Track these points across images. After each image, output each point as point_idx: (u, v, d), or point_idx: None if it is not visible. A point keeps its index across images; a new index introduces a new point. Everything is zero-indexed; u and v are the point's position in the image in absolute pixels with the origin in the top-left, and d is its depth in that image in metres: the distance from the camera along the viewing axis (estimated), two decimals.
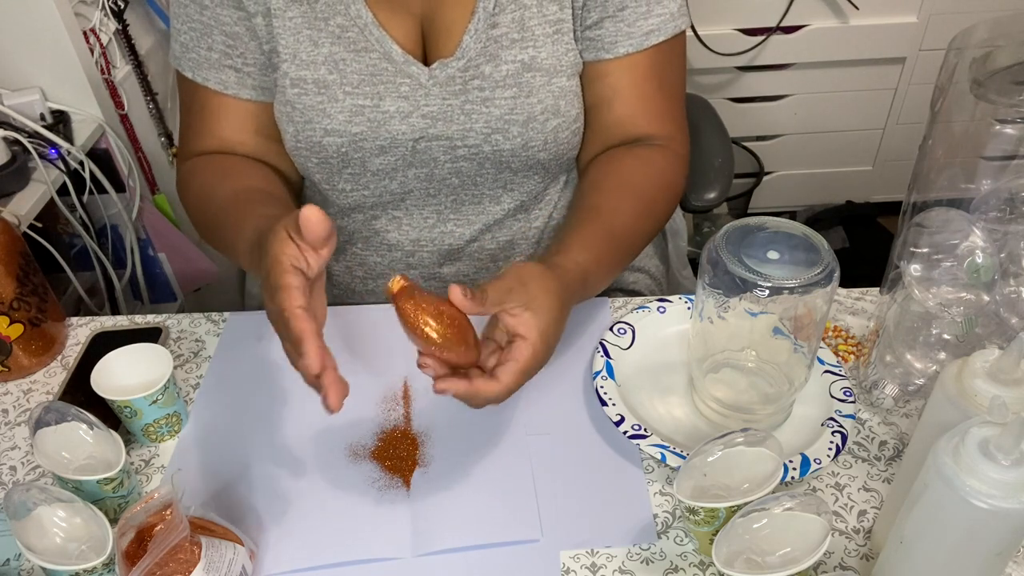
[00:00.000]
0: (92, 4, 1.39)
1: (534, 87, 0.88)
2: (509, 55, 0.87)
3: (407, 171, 0.92)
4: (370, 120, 0.88)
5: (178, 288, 1.62)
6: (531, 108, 0.88)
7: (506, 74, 0.87)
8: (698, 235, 2.12)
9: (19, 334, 0.87)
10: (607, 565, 0.70)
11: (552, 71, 0.88)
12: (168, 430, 0.81)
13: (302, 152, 0.91)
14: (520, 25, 0.87)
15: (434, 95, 0.88)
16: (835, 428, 0.75)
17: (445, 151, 0.90)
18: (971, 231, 0.69)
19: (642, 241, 0.91)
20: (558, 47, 0.88)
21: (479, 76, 0.87)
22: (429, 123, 0.88)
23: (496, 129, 0.89)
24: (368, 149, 0.89)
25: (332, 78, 0.87)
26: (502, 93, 0.88)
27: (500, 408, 0.83)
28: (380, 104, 0.88)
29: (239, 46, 0.90)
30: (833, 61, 2.02)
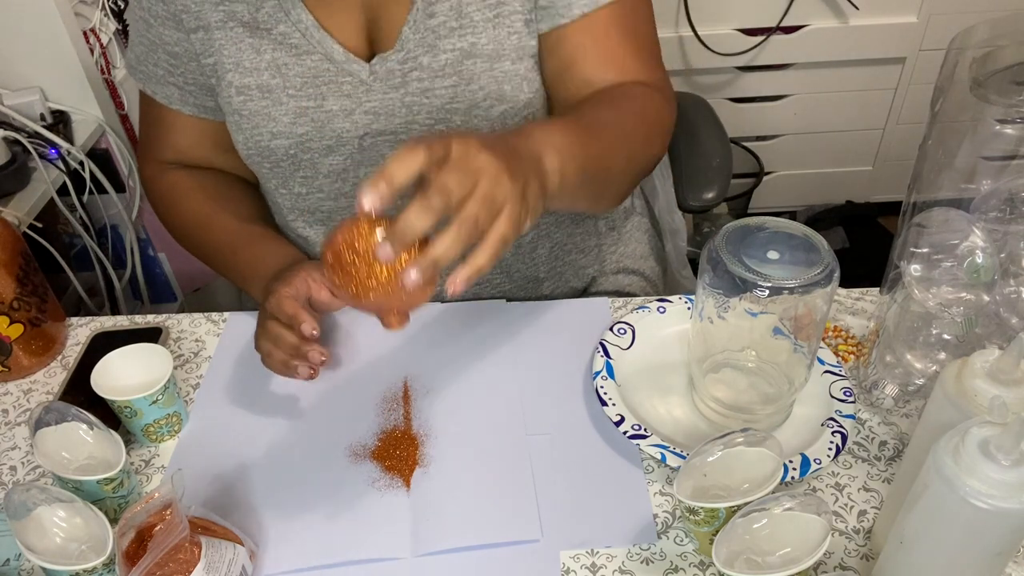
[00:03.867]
0: (92, 4, 1.39)
1: (475, 74, 0.86)
2: (447, 44, 0.86)
3: (358, 170, 0.92)
4: (314, 120, 0.88)
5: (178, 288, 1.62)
6: (472, 95, 0.87)
7: (444, 63, 0.86)
8: (698, 235, 2.12)
9: (19, 334, 0.87)
10: (607, 565, 0.70)
11: (493, 56, 0.86)
12: (168, 430, 0.81)
13: (254, 158, 0.92)
14: (457, 12, 0.86)
15: (375, 90, 0.88)
16: (835, 428, 0.75)
17: (391, 146, 0.90)
18: (971, 231, 0.69)
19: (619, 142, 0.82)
20: (499, 31, 0.86)
21: (418, 67, 0.87)
22: (372, 119, 0.88)
23: (439, 119, 0.88)
24: (316, 149, 0.90)
25: (275, 82, 0.88)
26: (442, 83, 0.87)
27: (500, 408, 0.83)
28: (323, 104, 0.88)
29: (180, 66, 0.92)
30: (833, 61, 2.01)
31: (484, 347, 0.89)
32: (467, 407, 0.83)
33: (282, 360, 0.78)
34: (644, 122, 0.87)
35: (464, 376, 0.86)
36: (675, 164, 1.18)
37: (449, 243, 0.58)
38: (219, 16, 0.87)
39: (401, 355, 0.88)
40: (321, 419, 0.83)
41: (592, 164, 0.77)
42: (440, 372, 0.87)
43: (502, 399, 0.84)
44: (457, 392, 0.85)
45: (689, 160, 1.15)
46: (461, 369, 0.87)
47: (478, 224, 0.59)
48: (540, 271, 1.02)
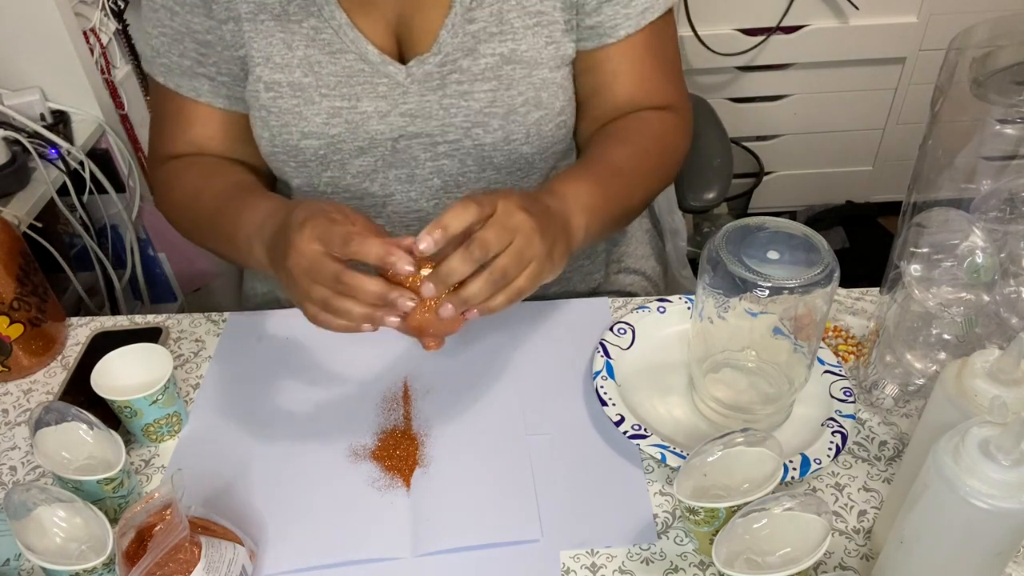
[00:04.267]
0: (92, 4, 1.39)
1: (514, 79, 0.87)
2: (488, 48, 0.86)
3: (387, 172, 0.92)
4: (348, 121, 0.87)
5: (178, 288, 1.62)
6: (511, 100, 0.88)
7: (485, 67, 0.87)
8: (698, 235, 2.12)
9: (19, 334, 0.87)
10: (607, 565, 0.70)
11: (533, 63, 0.88)
12: (168, 430, 0.81)
13: (279, 156, 0.90)
14: (499, 19, 0.86)
15: (412, 92, 0.87)
16: (835, 428, 0.75)
17: (425, 148, 0.90)
18: (971, 231, 0.69)
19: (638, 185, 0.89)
20: (539, 39, 0.88)
21: (457, 70, 0.87)
22: (408, 121, 0.88)
23: (476, 123, 0.88)
24: (347, 151, 0.89)
25: (307, 80, 0.87)
26: (481, 86, 0.87)
27: (500, 408, 0.83)
28: (358, 105, 0.87)
29: (211, 55, 0.89)
30: (833, 61, 2.01)
31: (484, 347, 0.89)
32: (467, 407, 0.83)
33: (365, 315, 0.69)
34: (663, 154, 0.93)
35: (464, 376, 0.86)
36: None
37: (479, 288, 0.68)
38: (249, 8, 0.86)
39: (401, 355, 0.88)
40: (321, 419, 0.83)
41: (614, 213, 0.86)
42: (440, 372, 0.87)
43: (502, 399, 0.84)
44: (457, 392, 0.85)
45: (689, 160, 1.15)
46: (461, 369, 0.87)
47: (506, 276, 0.69)
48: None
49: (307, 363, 0.88)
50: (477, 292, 0.69)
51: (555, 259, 0.74)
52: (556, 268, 0.75)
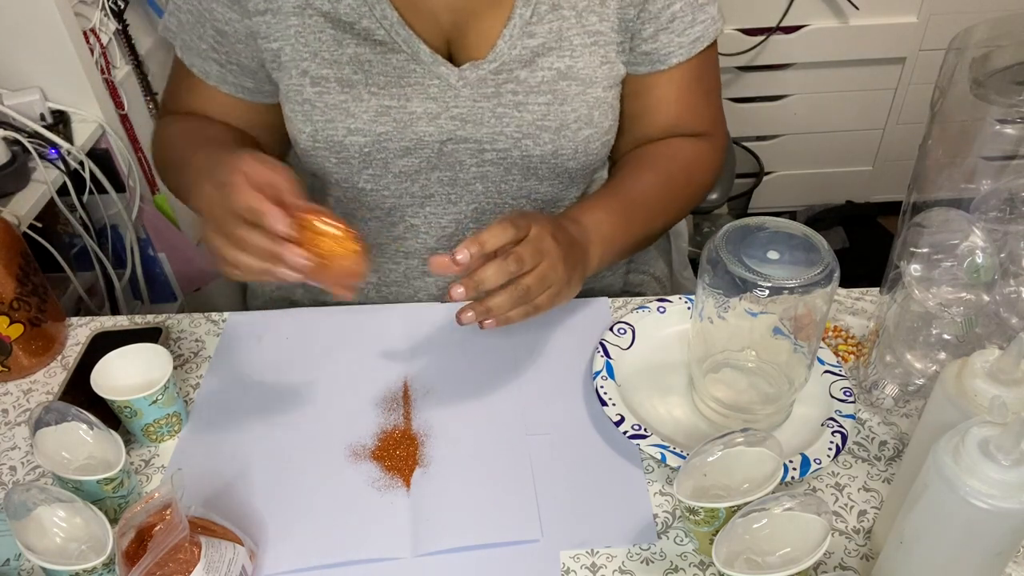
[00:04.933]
0: (92, 4, 1.39)
1: (569, 95, 0.88)
2: (546, 62, 0.87)
3: (431, 173, 0.92)
4: (396, 120, 0.87)
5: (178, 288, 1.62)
6: (564, 116, 0.88)
7: (541, 80, 0.87)
8: (698, 235, 2.12)
9: (19, 334, 0.87)
10: (607, 565, 0.70)
11: (588, 81, 0.88)
12: (168, 430, 0.81)
13: (320, 151, 0.90)
14: (558, 35, 0.87)
15: (464, 96, 0.87)
16: (835, 428, 0.75)
17: (472, 154, 0.90)
18: (971, 231, 0.69)
19: (660, 212, 0.93)
20: (595, 58, 0.88)
21: (513, 80, 0.87)
22: (458, 125, 0.88)
23: (527, 134, 0.88)
24: (392, 150, 0.89)
25: (357, 77, 0.86)
26: (536, 99, 0.87)
27: (500, 408, 0.83)
28: (407, 105, 0.87)
29: (225, 44, 0.90)
30: (833, 61, 2.02)
31: (484, 347, 0.89)
32: (467, 407, 0.83)
33: (259, 269, 0.68)
34: (689, 183, 0.96)
35: (464, 376, 0.86)
36: None
37: (502, 301, 0.74)
38: (296, 2, 0.85)
39: (401, 355, 0.88)
40: (321, 419, 0.83)
41: (632, 241, 0.92)
42: (440, 372, 0.87)
43: (502, 399, 0.84)
44: (457, 392, 0.85)
45: None
46: (461, 369, 0.87)
47: (529, 294, 0.75)
48: None
49: (307, 363, 0.88)
50: (501, 303, 0.74)
51: (572, 285, 0.81)
52: (572, 293, 0.82)
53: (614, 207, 0.89)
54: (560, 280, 0.78)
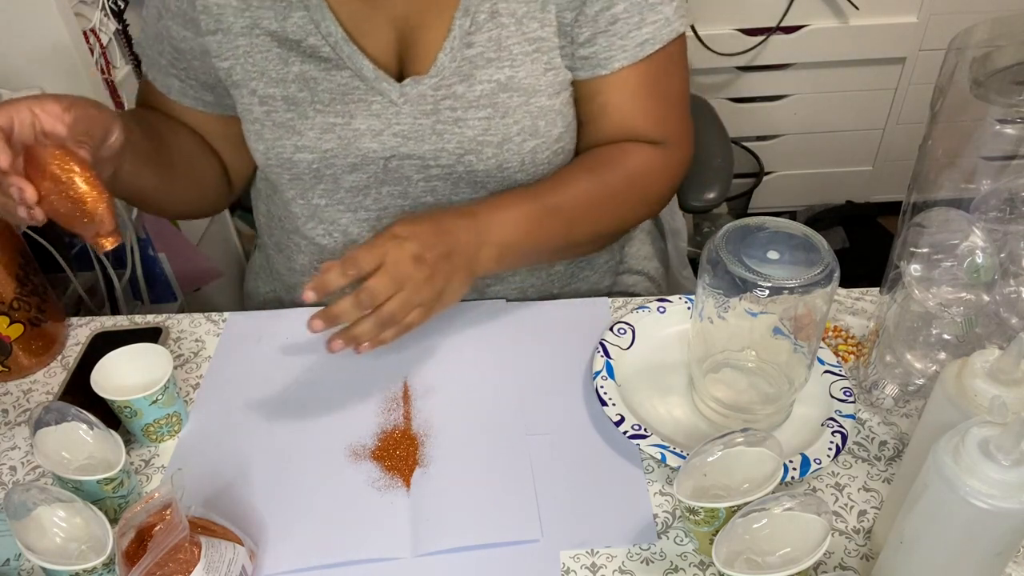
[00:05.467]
0: (92, 4, 1.39)
1: (510, 107, 0.86)
2: (484, 75, 0.85)
3: (380, 188, 0.92)
4: (340, 137, 0.87)
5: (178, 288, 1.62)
6: (506, 129, 0.86)
7: (480, 94, 0.85)
8: (698, 235, 2.12)
9: (19, 334, 0.87)
10: (607, 565, 0.70)
11: (531, 91, 0.86)
12: (168, 430, 0.81)
13: (274, 168, 0.91)
14: (497, 44, 0.85)
15: (405, 113, 0.86)
16: (835, 428, 0.75)
17: (417, 170, 0.89)
18: (971, 231, 0.69)
19: (586, 222, 0.90)
20: (537, 65, 0.86)
21: (451, 96, 0.85)
22: (400, 141, 0.87)
23: (469, 150, 0.87)
24: (340, 166, 0.89)
25: (303, 95, 0.86)
26: (475, 113, 0.86)
27: (500, 408, 0.83)
28: (351, 122, 0.87)
29: (183, 61, 0.91)
30: (833, 61, 2.02)
31: (484, 347, 0.89)
32: (467, 407, 0.83)
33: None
34: (630, 191, 0.92)
35: (464, 376, 0.86)
36: None
37: (366, 328, 0.76)
38: (244, 22, 0.85)
39: (401, 355, 0.88)
40: (321, 419, 0.83)
41: (545, 249, 0.89)
42: (440, 372, 0.87)
43: (502, 399, 0.84)
44: (457, 392, 0.85)
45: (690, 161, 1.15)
46: (461, 369, 0.87)
47: (394, 318, 0.77)
48: (554, 287, 1.02)
49: (307, 363, 0.88)
50: (365, 330, 0.76)
51: (451, 293, 0.81)
52: (454, 299, 0.82)
53: (525, 211, 0.86)
54: (429, 297, 0.78)
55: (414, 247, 0.77)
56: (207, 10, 0.85)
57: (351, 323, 0.76)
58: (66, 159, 0.68)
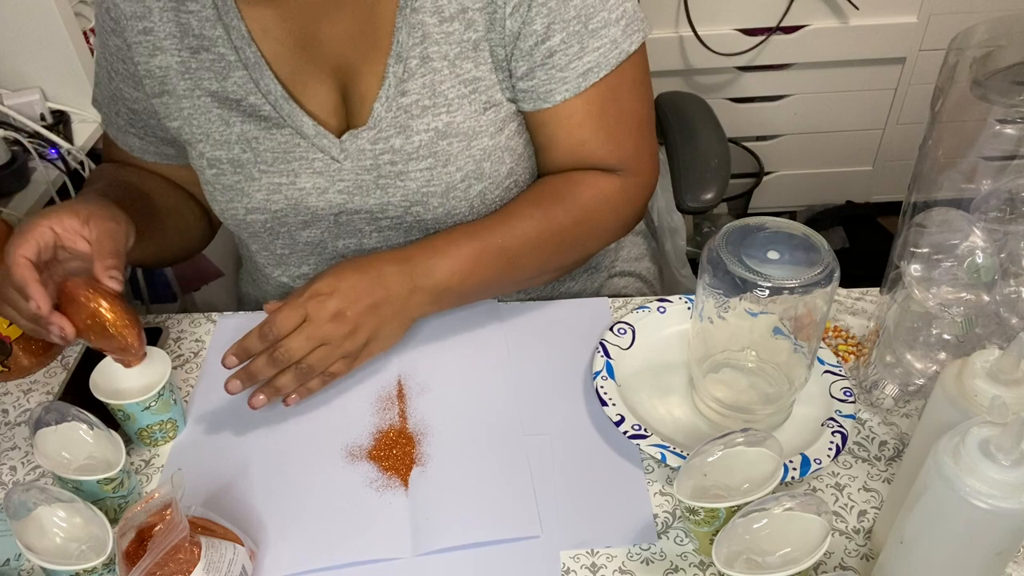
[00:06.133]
0: (92, 4, 1.39)
1: (452, 154, 0.83)
2: (421, 124, 0.82)
3: (335, 242, 0.91)
4: (287, 197, 0.86)
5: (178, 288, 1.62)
6: (449, 177, 0.84)
7: (419, 145, 0.83)
8: (698, 235, 2.12)
9: (19, 334, 0.87)
10: (607, 565, 0.70)
11: (470, 134, 0.83)
12: (163, 435, 0.81)
13: (231, 226, 0.92)
14: (431, 90, 0.82)
15: (347, 169, 0.85)
16: (835, 428, 0.75)
17: (367, 222, 0.89)
18: (971, 231, 0.69)
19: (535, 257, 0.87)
20: (475, 106, 0.83)
21: (389, 150, 0.83)
22: (346, 198, 0.86)
23: (415, 202, 0.86)
24: (292, 223, 0.89)
25: (246, 156, 0.85)
26: (416, 165, 0.84)
27: (499, 408, 0.83)
28: (296, 181, 0.86)
29: (139, 120, 0.91)
30: (833, 61, 2.02)
31: (482, 346, 0.89)
32: (464, 406, 0.83)
33: (30, 329, 0.75)
34: (582, 223, 0.88)
35: (461, 375, 0.86)
36: (673, 165, 1.18)
37: (286, 380, 0.79)
38: (186, 84, 0.84)
39: (393, 353, 0.88)
40: (318, 419, 0.83)
41: (483, 288, 0.87)
42: (438, 371, 0.87)
43: (501, 399, 0.83)
44: (454, 391, 0.85)
45: (687, 161, 1.15)
46: (458, 368, 0.87)
47: (313, 371, 0.79)
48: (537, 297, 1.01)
49: None
50: (286, 383, 0.79)
51: (382, 340, 0.82)
52: (384, 346, 0.83)
53: (465, 253, 0.83)
54: (352, 350, 0.80)
55: (335, 304, 0.78)
56: (150, 74, 0.85)
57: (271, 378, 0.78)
58: (96, 295, 0.74)
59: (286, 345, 0.77)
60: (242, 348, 0.77)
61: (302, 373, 0.78)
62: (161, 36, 0.83)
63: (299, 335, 0.77)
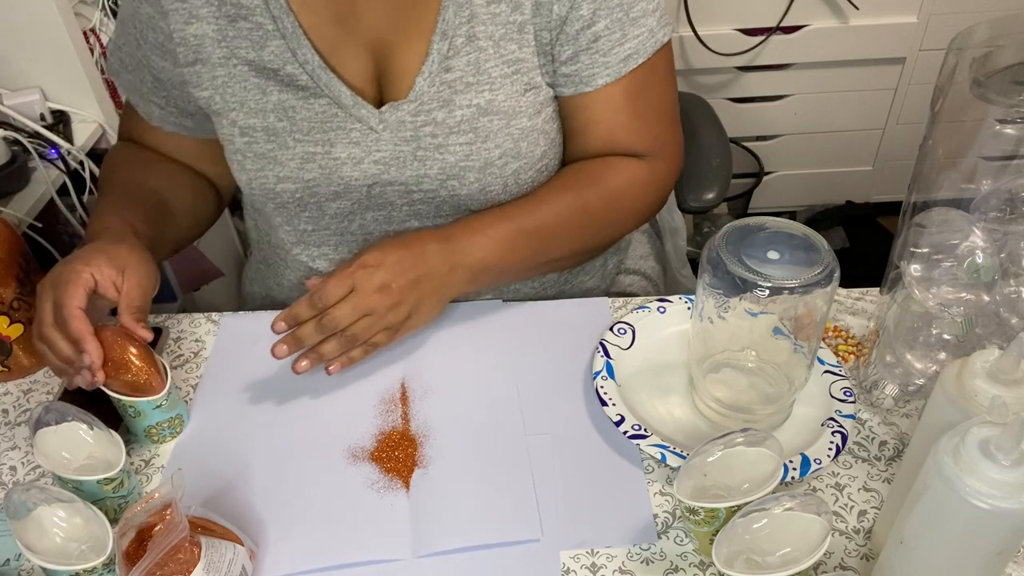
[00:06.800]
0: (92, 4, 1.39)
1: (491, 131, 0.85)
2: (464, 99, 0.84)
3: (365, 214, 0.92)
4: (322, 167, 0.87)
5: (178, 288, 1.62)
6: (488, 153, 0.86)
7: (460, 119, 0.85)
8: (698, 235, 2.12)
9: (19, 334, 0.87)
10: (607, 565, 0.70)
11: (511, 113, 0.86)
12: (171, 432, 0.81)
13: (258, 198, 0.91)
14: (476, 68, 0.84)
15: (385, 140, 0.86)
16: (835, 428, 0.75)
17: (400, 195, 0.89)
18: (971, 231, 0.69)
19: (569, 238, 0.91)
20: (516, 87, 0.85)
21: (431, 122, 0.85)
22: (382, 168, 0.87)
23: (451, 175, 0.87)
24: (323, 194, 0.89)
25: (282, 125, 0.86)
26: (456, 139, 0.85)
27: (500, 408, 0.83)
28: (331, 151, 0.86)
29: (163, 90, 0.91)
30: (833, 61, 2.02)
31: (483, 347, 0.89)
32: (466, 408, 0.83)
33: (56, 367, 0.77)
34: (612, 206, 0.92)
35: (463, 377, 0.86)
36: None
37: (331, 347, 0.81)
38: (222, 52, 0.85)
39: (397, 356, 0.88)
40: (320, 420, 0.83)
41: (519, 268, 0.91)
42: (438, 373, 0.87)
43: (501, 399, 0.84)
44: (456, 393, 0.85)
45: (689, 161, 1.15)
46: (460, 370, 0.87)
47: (356, 339, 0.81)
48: (548, 292, 1.02)
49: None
50: (330, 349, 0.81)
51: (422, 315, 0.85)
52: (424, 320, 0.86)
53: (501, 233, 0.87)
54: (395, 322, 0.82)
55: (381, 276, 0.81)
56: (185, 42, 0.84)
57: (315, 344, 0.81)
58: (125, 344, 0.77)
59: (333, 313, 0.79)
60: (291, 314, 0.80)
61: (347, 341, 0.80)
62: (198, 4, 0.83)
63: (346, 304, 0.79)
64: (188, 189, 0.98)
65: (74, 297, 0.74)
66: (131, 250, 0.80)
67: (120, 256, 0.79)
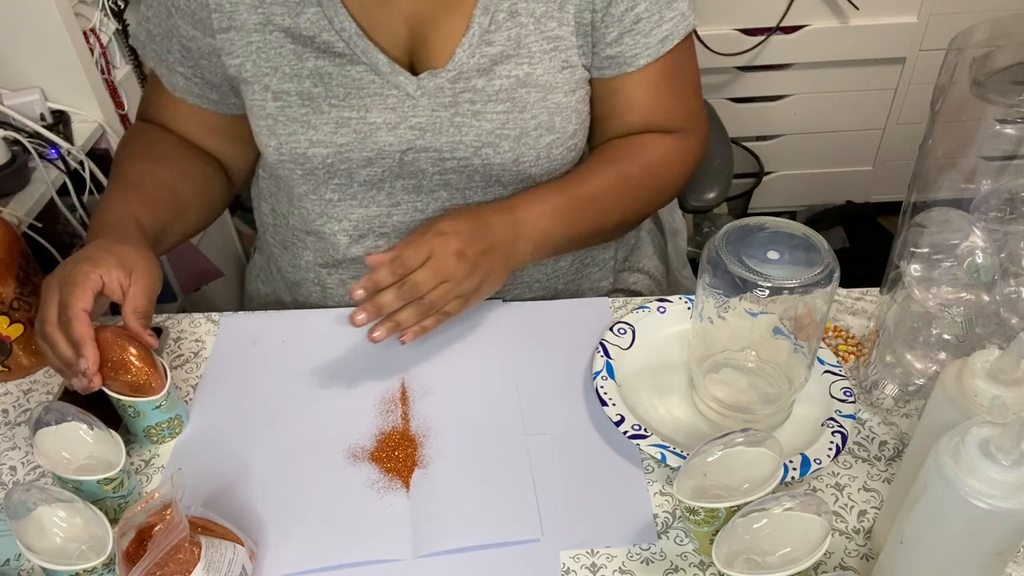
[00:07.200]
0: (92, 4, 1.39)
1: (528, 103, 0.87)
2: (503, 70, 0.87)
3: (395, 182, 0.92)
4: (356, 131, 0.87)
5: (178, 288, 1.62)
6: (524, 123, 0.88)
7: (499, 88, 0.87)
8: (698, 235, 2.12)
9: (19, 334, 0.87)
10: (607, 565, 0.70)
11: (548, 87, 0.88)
12: (170, 432, 0.81)
13: (286, 165, 0.91)
14: (516, 43, 0.86)
15: (422, 106, 0.87)
16: (835, 428, 0.75)
17: (433, 163, 0.90)
18: (971, 231, 0.69)
19: (614, 209, 0.95)
20: (554, 63, 0.88)
21: (470, 89, 0.87)
22: (417, 134, 0.88)
23: (487, 143, 0.88)
24: (355, 160, 0.89)
25: (317, 91, 0.87)
26: (494, 107, 0.87)
27: (500, 408, 0.83)
28: (367, 116, 0.87)
29: (191, 59, 0.91)
30: (833, 61, 2.01)
31: (483, 347, 0.89)
32: (466, 408, 0.83)
33: (56, 366, 0.77)
34: (652, 180, 0.96)
35: (463, 377, 0.86)
36: None
37: (408, 315, 0.80)
38: (257, 19, 0.86)
39: (397, 356, 0.88)
40: (320, 420, 0.83)
41: (575, 238, 0.93)
42: (438, 373, 0.87)
43: (501, 399, 0.84)
44: (456, 393, 0.85)
45: None
46: (460, 370, 0.87)
47: (433, 307, 0.81)
48: (559, 283, 1.02)
49: (303, 365, 0.88)
50: (407, 317, 0.80)
51: (484, 290, 0.85)
52: (491, 290, 0.86)
53: (558, 203, 0.90)
54: (468, 290, 0.83)
55: (457, 243, 0.81)
56: (220, 7, 0.85)
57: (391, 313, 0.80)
58: (126, 345, 0.77)
59: (413, 279, 0.79)
60: (372, 281, 0.79)
61: (424, 308, 0.80)
62: None
63: (426, 269, 0.80)
64: (200, 178, 0.98)
65: (80, 299, 0.74)
66: (138, 251, 0.81)
67: (128, 258, 0.79)
